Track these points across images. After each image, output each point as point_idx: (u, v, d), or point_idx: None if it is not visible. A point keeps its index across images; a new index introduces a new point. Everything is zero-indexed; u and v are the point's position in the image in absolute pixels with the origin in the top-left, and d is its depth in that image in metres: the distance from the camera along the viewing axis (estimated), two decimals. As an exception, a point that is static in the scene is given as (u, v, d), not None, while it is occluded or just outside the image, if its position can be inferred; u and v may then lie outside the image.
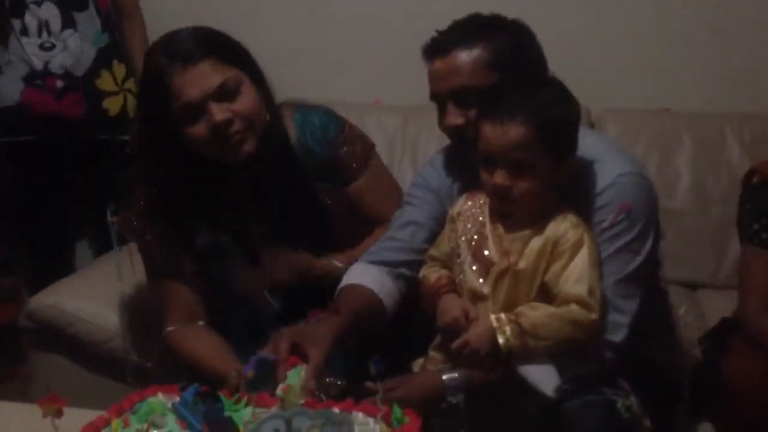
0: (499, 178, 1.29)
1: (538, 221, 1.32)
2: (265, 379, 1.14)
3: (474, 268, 1.36)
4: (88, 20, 2.19)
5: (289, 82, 1.57)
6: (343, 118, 1.59)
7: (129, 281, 1.74)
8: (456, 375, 1.32)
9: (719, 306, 1.85)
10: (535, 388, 1.28)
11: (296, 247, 1.50)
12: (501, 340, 1.26)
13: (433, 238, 1.48)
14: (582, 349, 1.31)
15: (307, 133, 1.52)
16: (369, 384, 1.27)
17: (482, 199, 1.39)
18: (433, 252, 1.45)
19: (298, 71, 2.02)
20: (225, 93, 1.36)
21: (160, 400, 1.14)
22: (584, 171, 1.36)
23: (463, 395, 1.32)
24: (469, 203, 1.41)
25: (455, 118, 1.39)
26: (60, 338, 1.80)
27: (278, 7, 2.36)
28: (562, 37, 2.16)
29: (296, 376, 1.16)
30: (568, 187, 1.35)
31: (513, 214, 1.34)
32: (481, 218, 1.38)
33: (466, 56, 1.37)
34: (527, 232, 1.32)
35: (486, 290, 1.34)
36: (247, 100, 1.39)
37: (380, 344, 1.44)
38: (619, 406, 1.31)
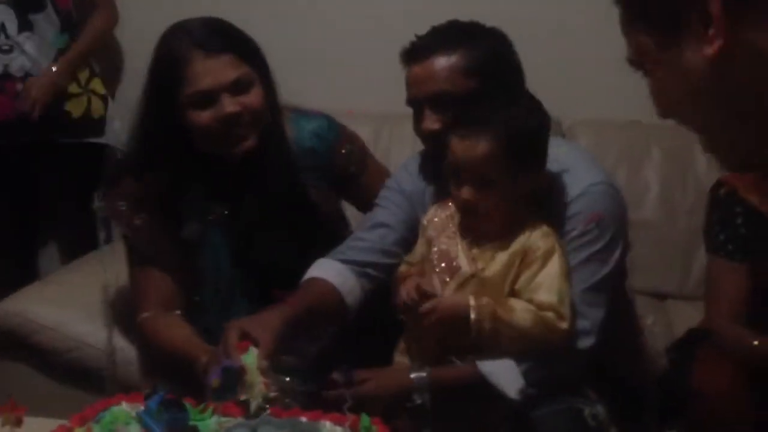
0: (466, 193, 1.30)
1: (508, 230, 1.33)
2: (231, 387, 1.13)
3: (440, 271, 1.36)
4: (46, 21, 2.16)
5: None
6: (338, 122, 1.62)
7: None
8: (424, 374, 1.33)
9: (687, 316, 1.87)
10: (498, 389, 1.28)
11: (282, 241, 1.49)
12: (473, 316, 1.26)
13: (402, 241, 1.48)
14: (547, 354, 1.31)
15: (305, 135, 1.55)
16: (334, 375, 1.28)
17: (453, 208, 1.39)
18: (409, 258, 1.45)
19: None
20: (238, 87, 1.40)
21: (124, 408, 1.13)
22: (556, 180, 1.37)
23: (429, 396, 1.31)
24: (440, 211, 1.42)
25: (432, 123, 1.40)
26: (23, 346, 1.77)
27: (253, 11, 2.35)
28: (534, 48, 2.18)
29: (251, 358, 1.16)
30: (540, 196, 1.36)
31: (480, 227, 1.34)
32: (451, 226, 1.39)
33: (444, 62, 1.38)
34: (497, 241, 1.33)
35: (448, 294, 1.34)
36: (256, 97, 1.42)
37: (347, 353, 1.43)
38: (586, 415, 1.32)
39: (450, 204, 1.40)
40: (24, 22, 2.14)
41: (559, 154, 1.39)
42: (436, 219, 1.41)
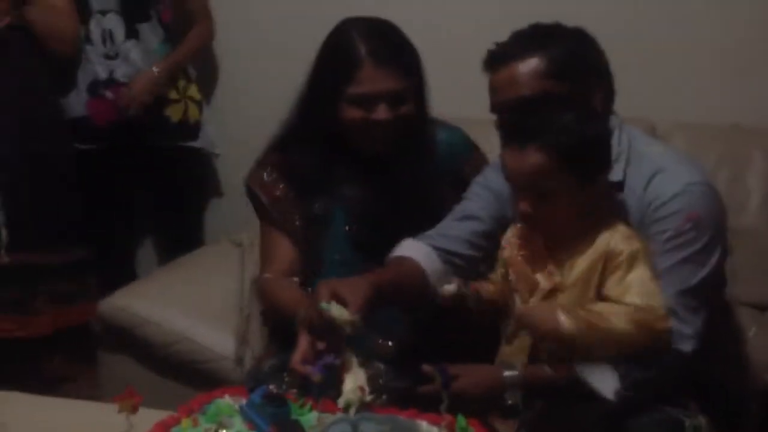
0: (523, 206, 1.28)
1: (585, 239, 1.30)
2: (331, 383, 1.15)
3: (520, 290, 1.35)
4: (151, 31, 2.26)
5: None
6: (472, 139, 1.72)
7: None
8: (516, 372, 1.32)
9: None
10: (594, 390, 1.26)
11: (403, 232, 1.52)
12: (566, 327, 1.23)
13: (490, 235, 1.47)
14: (645, 357, 1.28)
15: (440, 144, 1.65)
16: (426, 367, 1.28)
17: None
18: (492, 276, 1.44)
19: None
20: (395, 98, 1.51)
21: (228, 401, 1.16)
22: (651, 181, 1.34)
23: (521, 396, 1.30)
24: (516, 230, 1.40)
25: None
26: (129, 340, 1.85)
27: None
28: (626, 49, 2.13)
29: (338, 310, 1.18)
30: (616, 198, 1.33)
31: (547, 238, 1.32)
32: (526, 242, 1.37)
33: (523, 67, 1.38)
34: (574, 250, 1.31)
35: None
36: (408, 111, 1.53)
37: (431, 348, 1.45)
38: (687, 426, 1.28)
39: None
40: (131, 31, 2.25)
41: (653, 154, 1.36)
42: (513, 238, 1.39)
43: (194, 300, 1.90)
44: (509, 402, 1.31)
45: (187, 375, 1.81)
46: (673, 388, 1.32)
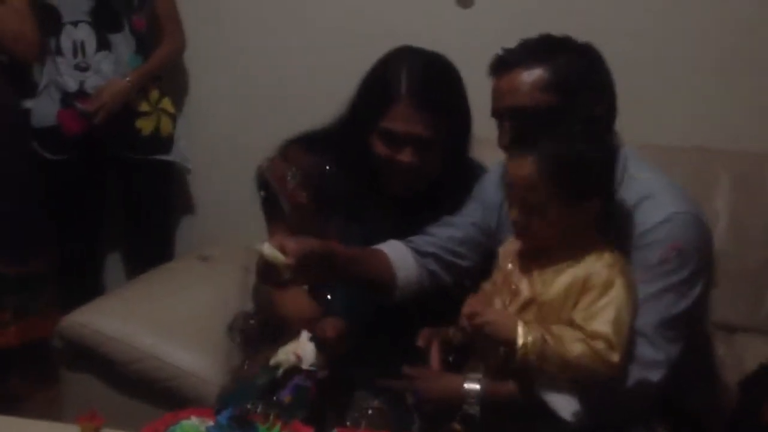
0: (514, 214, 1.29)
1: (572, 257, 1.30)
2: (301, 405, 1.13)
3: (503, 294, 1.35)
4: (123, 42, 2.23)
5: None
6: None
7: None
8: (477, 386, 1.31)
9: (758, 350, 1.81)
10: (551, 409, 1.26)
11: None
12: (519, 340, 1.23)
13: (468, 242, 1.50)
14: (608, 382, 1.27)
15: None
16: (397, 384, 1.29)
17: None
18: (484, 284, 1.44)
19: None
20: (422, 144, 1.46)
21: (194, 423, 1.14)
22: (638, 206, 1.33)
23: (480, 408, 1.30)
24: (511, 241, 1.40)
25: (505, 139, 1.39)
26: (91, 358, 1.80)
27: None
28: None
29: (270, 250, 1.22)
30: (612, 223, 1.33)
31: (536, 249, 1.32)
32: (518, 253, 1.37)
33: (525, 76, 1.37)
34: (558, 266, 1.31)
35: None
36: (433, 160, 1.49)
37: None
38: None
39: None
40: (102, 42, 2.22)
41: (643, 180, 1.36)
42: (507, 249, 1.40)
43: (159, 316, 1.86)
44: (469, 412, 1.31)
45: (152, 394, 1.76)
46: (640, 412, 1.32)
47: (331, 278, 1.35)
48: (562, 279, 1.29)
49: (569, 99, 1.35)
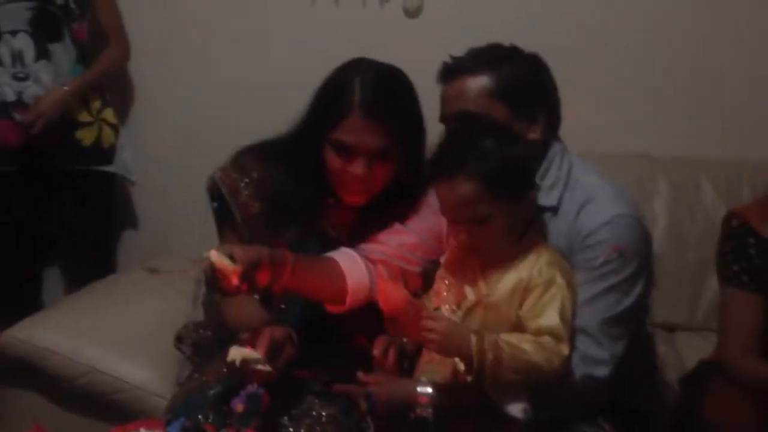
0: (461, 233, 1.31)
1: (514, 258, 1.34)
2: (253, 413, 1.12)
3: (449, 300, 1.36)
4: (63, 51, 2.18)
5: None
6: None
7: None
8: (429, 389, 1.32)
9: (697, 347, 1.87)
10: (501, 407, 1.28)
11: None
12: (474, 347, 1.24)
13: (421, 249, 1.50)
14: (558, 380, 1.30)
15: None
16: (353, 390, 1.29)
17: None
18: (425, 299, 1.44)
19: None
20: (376, 155, 1.45)
21: (144, 436, 1.12)
22: (582, 209, 1.38)
23: (433, 411, 1.31)
24: (453, 245, 1.42)
25: None
26: (33, 374, 1.76)
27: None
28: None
29: (217, 256, 1.22)
30: (561, 225, 1.37)
31: (479, 255, 1.35)
32: (461, 259, 1.39)
33: (471, 83, 1.41)
34: (502, 269, 1.33)
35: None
36: (385, 171, 1.47)
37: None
38: None
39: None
40: (42, 51, 2.16)
41: (588, 183, 1.40)
42: (449, 254, 1.42)
43: (105, 329, 1.83)
44: (422, 414, 1.31)
45: (99, 408, 1.74)
46: (587, 409, 1.35)
47: (280, 286, 1.34)
48: (506, 280, 1.32)
49: (512, 107, 1.39)
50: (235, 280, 1.20)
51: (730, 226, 1.63)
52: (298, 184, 1.51)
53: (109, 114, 2.30)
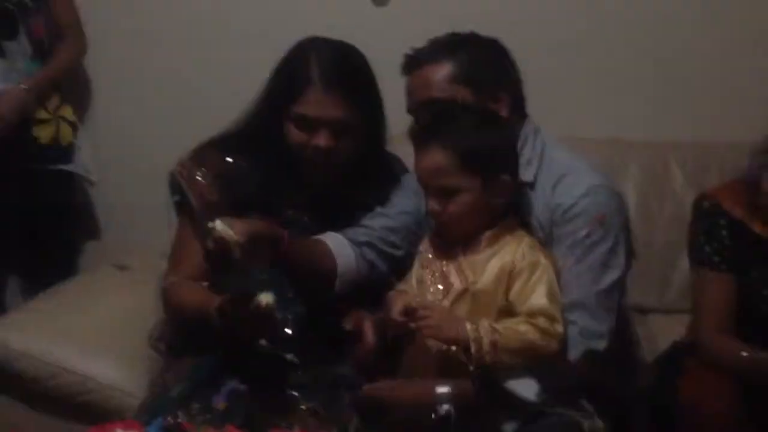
0: (431, 203, 1.35)
1: (494, 245, 1.36)
2: (236, 410, 1.10)
3: (435, 290, 1.37)
4: (18, 49, 2.12)
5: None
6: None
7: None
8: (448, 389, 1.32)
9: (669, 329, 1.89)
10: (518, 396, 1.29)
11: None
12: (471, 335, 1.26)
13: (403, 232, 1.53)
14: (562, 359, 1.32)
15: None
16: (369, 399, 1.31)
17: None
18: (402, 286, 1.45)
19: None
20: (338, 127, 1.46)
21: (121, 436, 1.10)
22: (558, 184, 1.41)
23: (452, 407, 1.30)
24: (435, 238, 1.43)
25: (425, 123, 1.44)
26: (3, 377, 1.71)
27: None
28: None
29: (222, 227, 1.25)
30: (539, 204, 1.39)
31: (458, 238, 1.37)
32: (441, 246, 1.41)
33: (434, 71, 1.45)
34: (484, 255, 1.35)
35: None
36: (350, 142, 1.48)
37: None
38: (585, 428, 1.32)
39: None
40: None
41: (562, 159, 1.44)
42: (430, 242, 1.43)
43: (72, 329, 1.78)
44: (442, 413, 1.30)
45: (72, 410, 1.69)
46: (591, 382, 1.37)
47: (277, 262, 1.35)
48: (491, 266, 1.34)
49: (475, 90, 1.43)
50: (236, 252, 1.23)
51: (701, 208, 1.64)
52: (258, 170, 1.51)
53: (67, 111, 2.24)
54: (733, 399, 1.47)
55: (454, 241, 1.38)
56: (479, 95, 1.44)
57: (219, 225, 1.25)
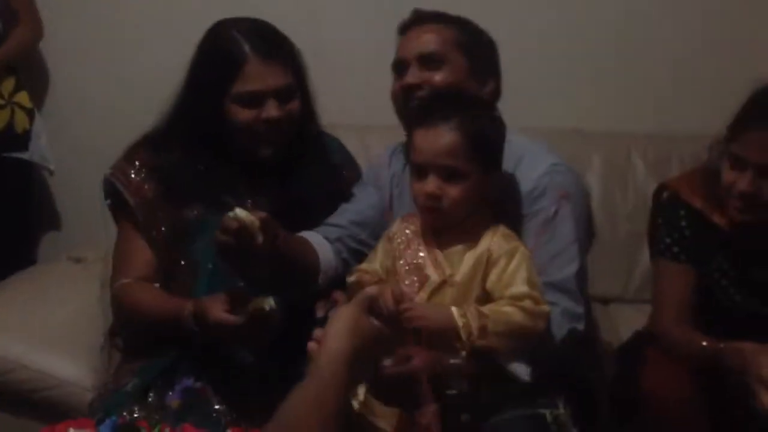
0: (431, 185, 1.31)
1: (471, 237, 1.35)
2: (191, 408, 1.08)
3: (410, 283, 1.35)
4: None
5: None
6: (346, 148, 1.72)
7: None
8: (459, 360, 1.29)
9: (631, 319, 1.90)
10: (514, 375, 1.30)
11: None
12: (458, 317, 1.26)
13: (370, 226, 1.53)
14: (549, 340, 1.33)
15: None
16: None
17: (417, 221, 1.40)
18: (364, 266, 1.44)
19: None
20: (283, 95, 1.46)
21: (73, 435, 1.07)
22: (518, 165, 1.43)
23: (465, 382, 1.29)
24: (404, 224, 1.42)
25: (414, 78, 1.47)
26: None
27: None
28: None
29: (244, 212, 1.23)
30: (499, 199, 1.39)
31: (442, 227, 1.35)
32: (414, 237, 1.39)
33: (440, 30, 1.49)
34: (461, 247, 1.35)
35: None
36: (296, 106, 1.49)
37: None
38: (548, 419, 1.33)
39: (413, 218, 1.40)
40: None
41: (518, 142, 1.45)
42: (401, 232, 1.41)
43: (28, 323, 1.74)
44: (455, 391, 1.29)
45: (26, 406, 1.67)
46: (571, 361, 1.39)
47: (278, 253, 1.32)
48: (468, 256, 1.33)
49: (472, 63, 1.46)
50: (258, 236, 1.21)
51: (661, 199, 1.65)
52: (193, 161, 1.49)
53: (23, 97, 2.19)
54: (692, 389, 1.48)
55: (439, 228, 1.36)
56: (473, 70, 1.47)
57: (240, 211, 1.22)
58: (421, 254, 1.36)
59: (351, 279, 1.43)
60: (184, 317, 1.31)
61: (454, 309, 1.27)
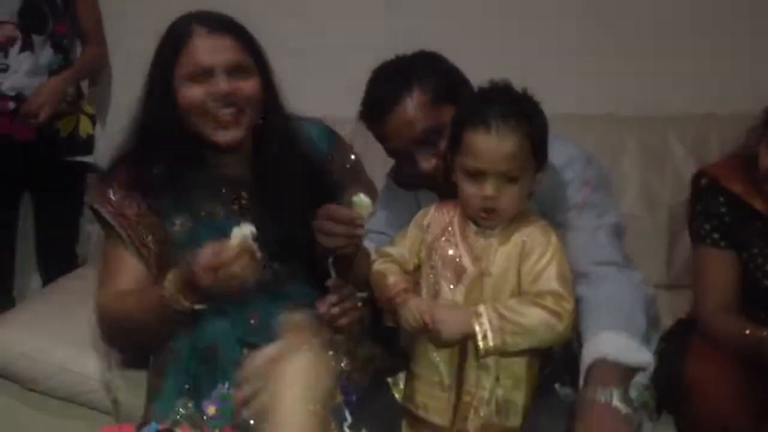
0: (490, 189, 1.29)
1: (507, 227, 1.34)
2: (227, 414, 1.10)
3: (447, 276, 1.35)
4: (44, 45, 2.16)
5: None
6: (335, 132, 1.63)
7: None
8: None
9: (673, 306, 1.87)
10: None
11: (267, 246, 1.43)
12: (477, 327, 1.27)
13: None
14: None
15: (309, 144, 1.54)
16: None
17: (452, 210, 1.39)
18: (389, 249, 1.44)
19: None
20: (236, 71, 1.38)
21: (118, 441, 1.09)
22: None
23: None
24: (438, 214, 1.41)
25: (428, 162, 1.42)
26: (4, 377, 1.72)
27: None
28: (505, 43, 2.18)
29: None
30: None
31: (495, 225, 1.34)
32: (450, 228, 1.38)
33: (411, 103, 1.40)
34: (497, 238, 1.34)
35: (459, 297, 1.34)
36: (251, 87, 1.40)
37: None
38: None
39: (447, 207, 1.40)
40: (26, 43, 2.14)
41: None
42: (434, 219, 1.41)
43: (72, 327, 1.76)
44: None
45: (73, 409, 1.69)
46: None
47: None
48: (503, 249, 1.33)
49: (454, 101, 1.40)
50: (256, 255, 1.20)
51: (699, 185, 1.62)
52: (165, 167, 1.43)
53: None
54: (736, 378, 1.45)
55: (492, 227, 1.35)
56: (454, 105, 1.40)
57: (246, 230, 1.22)
58: (458, 246, 1.35)
59: (377, 266, 1.42)
60: (166, 297, 1.29)
61: (473, 314, 1.27)
